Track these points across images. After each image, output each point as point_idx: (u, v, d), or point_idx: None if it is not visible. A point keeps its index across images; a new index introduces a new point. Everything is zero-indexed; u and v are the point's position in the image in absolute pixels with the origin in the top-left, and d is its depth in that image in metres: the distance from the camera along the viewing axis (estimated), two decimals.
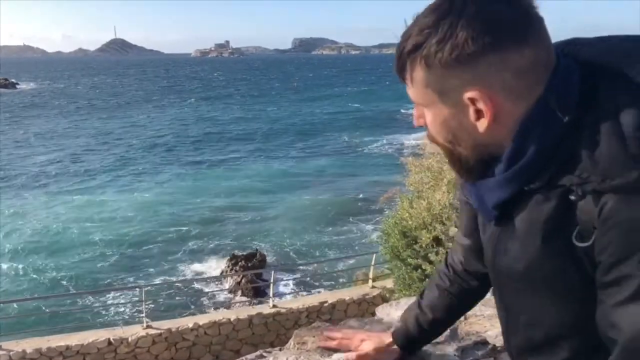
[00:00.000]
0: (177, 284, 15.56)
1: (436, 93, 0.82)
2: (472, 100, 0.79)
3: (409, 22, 0.81)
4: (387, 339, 1.45)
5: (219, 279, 16.21)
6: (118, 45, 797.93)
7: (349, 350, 1.49)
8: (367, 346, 1.46)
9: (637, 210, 0.69)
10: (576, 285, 0.80)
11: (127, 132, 45.03)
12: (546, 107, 0.77)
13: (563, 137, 0.76)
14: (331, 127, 47.58)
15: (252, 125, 49.58)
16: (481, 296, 1.33)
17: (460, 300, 1.33)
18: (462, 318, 1.87)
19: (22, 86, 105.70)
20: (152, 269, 16.70)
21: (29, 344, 8.35)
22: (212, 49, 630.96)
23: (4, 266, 16.98)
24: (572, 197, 0.75)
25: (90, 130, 45.49)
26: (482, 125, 0.81)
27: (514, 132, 0.80)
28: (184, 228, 20.17)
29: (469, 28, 0.74)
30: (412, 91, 0.86)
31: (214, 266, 16.87)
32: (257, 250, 17.07)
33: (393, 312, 1.96)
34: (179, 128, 47.76)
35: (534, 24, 0.77)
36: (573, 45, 0.85)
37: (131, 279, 15.91)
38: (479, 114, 0.80)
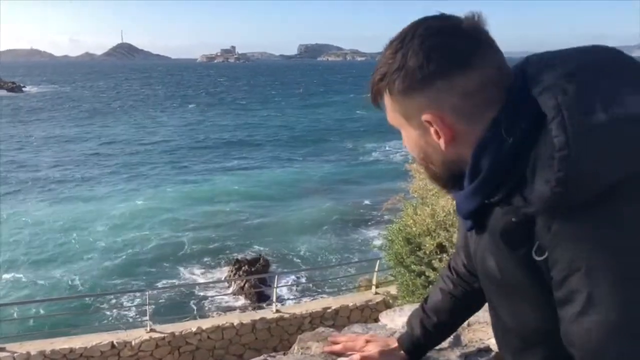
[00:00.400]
0: (180, 288, 15.60)
1: (402, 117, 0.91)
2: (429, 123, 0.87)
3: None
4: (393, 343, 1.46)
5: (222, 283, 16.22)
6: (125, 50, 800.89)
7: (354, 352, 1.50)
8: (372, 348, 1.47)
9: (574, 229, 0.74)
10: (543, 295, 0.82)
11: (131, 137, 45.15)
12: (497, 127, 0.82)
13: (516, 156, 0.80)
14: (335, 134, 47.63)
15: (256, 131, 49.60)
16: (485, 299, 1.35)
17: (464, 303, 1.35)
18: (465, 325, 1.88)
19: (29, 89, 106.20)
20: (155, 273, 16.70)
21: (33, 346, 8.37)
22: (218, 54, 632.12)
23: (8, 269, 17.03)
24: (513, 219, 0.81)
25: (95, 135, 45.63)
26: (442, 144, 0.88)
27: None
28: (188, 233, 20.17)
29: (416, 58, 0.82)
30: (387, 115, 0.94)
31: (218, 271, 16.89)
32: (260, 255, 17.10)
33: (397, 318, 1.96)
34: (183, 134, 47.81)
35: (479, 48, 0.83)
36: (527, 64, 0.87)
37: (135, 283, 15.94)
38: (438, 134, 0.87)
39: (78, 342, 8.54)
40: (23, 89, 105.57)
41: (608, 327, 0.71)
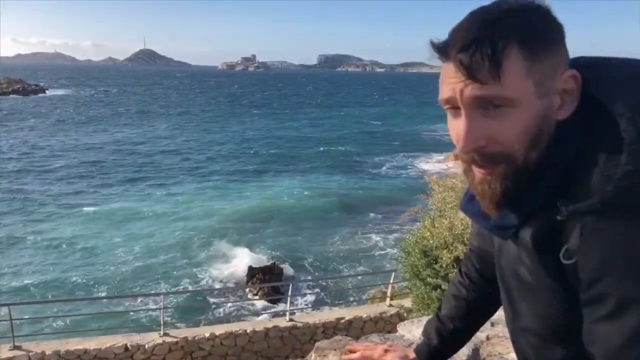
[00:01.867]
0: (195, 293, 15.68)
1: (533, 84, 0.77)
2: (563, 84, 0.81)
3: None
4: (411, 354, 1.44)
5: (236, 290, 16.24)
6: (146, 56, 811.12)
7: None
8: (391, 358, 1.45)
9: (611, 231, 0.73)
10: (567, 297, 0.83)
11: (150, 143, 45.68)
12: (576, 123, 0.81)
13: (575, 155, 0.79)
14: (352, 145, 47.39)
15: (272, 141, 49.58)
16: (499, 304, 1.33)
17: (478, 309, 1.34)
18: (484, 338, 1.86)
19: (53, 92, 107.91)
20: (170, 278, 16.81)
21: (48, 346, 8.46)
22: (239, 62, 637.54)
23: (26, 270, 17.25)
24: (558, 217, 0.79)
25: (113, 140, 46.11)
26: (568, 109, 0.81)
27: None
28: (203, 239, 20.28)
29: (541, 19, 0.79)
30: (497, 88, 0.77)
31: (232, 277, 16.94)
32: (275, 263, 17.09)
33: (415, 329, 1.95)
34: (202, 141, 48.16)
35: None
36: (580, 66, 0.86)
37: (150, 287, 16.04)
38: (563, 101, 0.81)
39: (92, 343, 8.61)
40: (46, 91, 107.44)
41: (634, 332, 0.72)
